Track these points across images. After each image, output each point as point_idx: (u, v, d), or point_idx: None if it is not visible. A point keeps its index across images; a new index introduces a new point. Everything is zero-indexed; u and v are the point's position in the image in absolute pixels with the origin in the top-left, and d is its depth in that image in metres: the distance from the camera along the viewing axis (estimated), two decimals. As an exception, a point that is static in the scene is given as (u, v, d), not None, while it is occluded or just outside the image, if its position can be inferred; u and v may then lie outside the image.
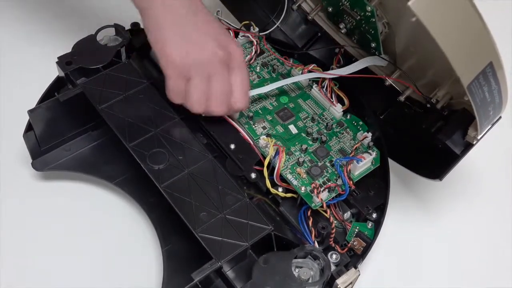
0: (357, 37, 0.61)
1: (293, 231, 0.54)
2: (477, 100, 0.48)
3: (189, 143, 0.55)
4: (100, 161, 0.60)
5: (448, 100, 0.57)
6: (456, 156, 0.54)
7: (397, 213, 0.61)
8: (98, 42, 0.61)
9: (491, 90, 0.48)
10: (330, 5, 0.62)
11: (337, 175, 0.56)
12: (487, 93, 0.48)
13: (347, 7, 0.59)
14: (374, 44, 0.59)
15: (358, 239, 0.55)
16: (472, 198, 0.64)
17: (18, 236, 0.58)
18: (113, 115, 0.56)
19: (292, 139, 0.59)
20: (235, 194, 0.52)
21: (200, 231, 0.50)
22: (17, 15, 0.76)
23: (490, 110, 0.50)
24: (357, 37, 0.61)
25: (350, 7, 0.58)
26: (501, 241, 0.62)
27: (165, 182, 0.53)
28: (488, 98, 0.48)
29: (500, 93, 0.49)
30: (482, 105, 0.49)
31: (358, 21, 0.58)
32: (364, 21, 0.58)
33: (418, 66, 0.57)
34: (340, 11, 0.61)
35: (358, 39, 0.62)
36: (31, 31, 0.74)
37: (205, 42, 0.52)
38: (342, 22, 0.61)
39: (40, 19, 0.75)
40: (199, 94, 0.54)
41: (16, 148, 0.61)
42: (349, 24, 0.61)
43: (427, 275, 0.59)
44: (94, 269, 0.56)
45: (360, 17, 0.58)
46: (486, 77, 0.46)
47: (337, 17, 0.62)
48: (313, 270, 0.49)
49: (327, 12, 0.63)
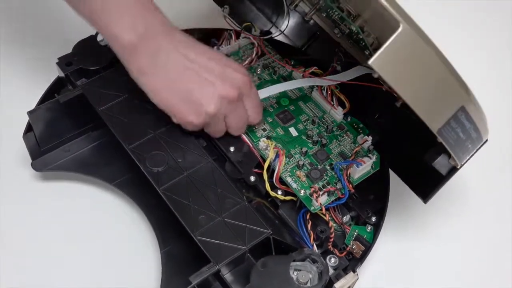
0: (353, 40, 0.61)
1: (292, 234, 0.54)
2: (451, 141, 0.48)
3: (189, 146, 0.55)
4: (100, 162, 0.60)
5: None
6: (441, 177, 0.53)
7: (397, 217, 0.61)
8: (99, 43, 0.61)
9: (465, 130, 0.48)
10: (324, 12, 0.62)
11: (336, 179, 0.56)
12: (461, 134, 0.48)
13: (337, 19, 0.59)
14: (368, 52, 0.58)
15: (357, 242, 0.55)
16: (471, 203, 0.64)
17: (18, 237, 0.58)
18: (112, 116, 0.56)
19: (292, 142, 0.59)
20: (234, 197, 0.52)
21: (199, 234, 0.50)
22: (17, 15, 0.76)
23: (468, 145, 0.50)
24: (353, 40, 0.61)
25: (340, 20, 0.59)
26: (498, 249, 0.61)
27: (164, 184, 0.53)
28: (463, 137, 0.48)
29: (477, 130, 0.49)
30: (457, 144, 0.48)
31: (349, 33, 0.59)
32: (354, 34, 0.58)
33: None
34: (332, 21, 0.61)
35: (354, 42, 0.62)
36: (31, 32, 0.74)
37: (213, 92, 0.52)
38: (337, 28, 0.61)
39: (40, 19, 0.75)
40: (218, 132, 0.56)
41: (16, 149, 0.61)
42: (342, 31, 0.61)
43: (425, 280, 0.59)
44: (93, 270, 0.56)
45: (349, 30, 0.58)
46: (458, 120, 0.46)
47: (331, 23, 0.62)
48: (311, 274, 0.49)
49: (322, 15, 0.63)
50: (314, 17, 0.66)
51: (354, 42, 0.60)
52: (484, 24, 0.81)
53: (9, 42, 0.73)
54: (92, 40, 0.61)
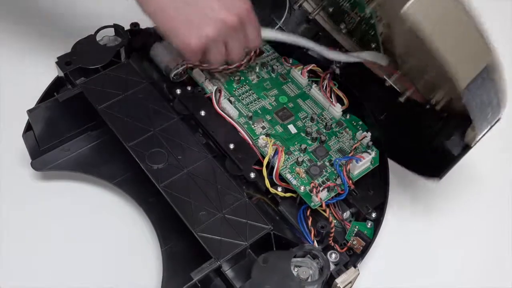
0: (358, 37, 0.61)
1: (293, 230, 0.54)
2: (473, 104, 0.48)
3: (188, 143, 0.55)
4: (100, 161, 0.60)
5: (447, 101, 0.57)
6: (453, 157, 0.54)
7: (397, 212, 0.61)
8: (98, 42, 0.61)
9: (488, 93, 0.48)
10: (331, 6, 0.62)
11: (336, 175, 0.56)
12: (484, 96, 0.48)
13: (347, 7, 0.59)
14: (374, 45, 0.59)
15: (357, 238, 0.55)
16: (471, 198, 0.64)
17: (17, 236, 0.58)
18: (112, 115, 0.56)
19: (291, 139, 0.59)
20: (234, 194, 0.52)
21: (199, 231, 0.50)
22: (16, 15, 0.76)
23: (489, 112, 0.50)
24: (357, 37, 0.61)
25: (351, 8, 0.58)
26: (500, 241, 0.61)
27: (164, 181, 0.53)
28: (485, 101, 0.48)
29: (497, 95, 0.49)
30: (480, 108, 0.49)
31: (358, 22, 0.58)
32: (364, 22, 0.58)
33: (418, 67, 0.57)
34: (341, 12, 0.61)
35: (358, 40, 0.62)
36: (30, 31, 0.74)
37: (212, 15, 0.53)
38: (343, 22, 0.61)
39: (40, 19, 0.76)
40: (219, 58, 0.57)
41: (15, 148, 0.61)
42: (350, 24, 0.61)
43: (427, 274, 0.59)
44: (93, 269, 0.56)
45: (360, 18, 0.58)
46: (483, 80, 0.47)
47: (337, 17, 0.62)
48: (312, 269, 0.49)
49: (328, 12, 0.63)
50: (317, 17, 0.66)
51: (360, 36, 0.60)
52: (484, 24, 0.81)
53: (8, 42, 0.73)
54: (91, 39, 0.61)
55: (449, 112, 0.57)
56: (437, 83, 0.56)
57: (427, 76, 0.56)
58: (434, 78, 0.56)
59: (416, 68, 0.57)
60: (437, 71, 0.54)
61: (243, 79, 0.63)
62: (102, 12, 0.75)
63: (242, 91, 0.62)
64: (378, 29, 0.56)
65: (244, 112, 0.60)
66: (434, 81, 0.56)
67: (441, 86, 0.56)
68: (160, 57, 0.62)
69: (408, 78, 0.58)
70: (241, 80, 0.63)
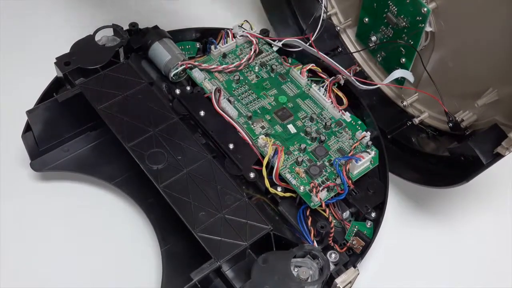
0: (385, 53, 0.61)
1: (292, 230, 0.54)
2: None
3: (188, 143, 0.55)
4: (99, 162, 0.60)
5: (472, 121, 0.57)
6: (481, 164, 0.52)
7: (396, 212, 0.61)
8: (97, 42, 0.61)
9: None
10: (369, 15, 0.61)
11: (336, 175, 0.56)
12: None
13: (393, 13, 0.58)
14: (404, 60, 0.59)
15: (357, 238, 0.55)
16: (471, 199, 0.64)
17: (17, 237, 0.58)
18: (111, 115, 0.56)
19: (291, 139, 0.59)
20: (234, 194, 0.52)
21: (199, 231, 0.50)
22: (15, 15, 0.76)
23: None
24: (384, 53, 0.61)
25: (398, 13, 0.58)
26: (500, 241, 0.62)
27: (164, 182, 0.53)
28: None
29: None
30: None
31: (399, 31, 0.58)
32: (408, 30, 0.58)
33: (447, 85, 0.57)
34: (378, 21, 0.60)
35: (384, 57, 0.61)
36: (29, 31, 0.74)
37: None
38: (375, 35, 0.61)
39: (39, 19, 0.76)
40: None
41: (14, 149, 0.61)
42: (385, 36, 0.61)
43: (426, 274, 0.59)
44: (93, 269, 0.56)
45: (405, 23, 0.57)
46: None
47: (370, 29, 0.62)
48: (312, 270, 0.49)
49: (358, 25, 0.63)
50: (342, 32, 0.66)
51: (389, 52, 0.60)
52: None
53: (7, 42, 0.73)
54: (90, 40, 0.61)
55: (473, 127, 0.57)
56: (465, 101, 0.56)
57: (456, 93, 0.56)
58: (464, 95, 0.56)
59: (445, 86, 0.57)
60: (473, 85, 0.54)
61: (242, 79, 0.63)
62: (101, 12, 0.75)
63: (242, 91, 0.62)
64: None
65: (244, 112, 0.60)
66: (462, 98, 0.56)
67: (469, 104, 0.56)
68: (159, 57, 0.62)
69: (438, 92, 0.57)
70: (241, 80, 0.63)
